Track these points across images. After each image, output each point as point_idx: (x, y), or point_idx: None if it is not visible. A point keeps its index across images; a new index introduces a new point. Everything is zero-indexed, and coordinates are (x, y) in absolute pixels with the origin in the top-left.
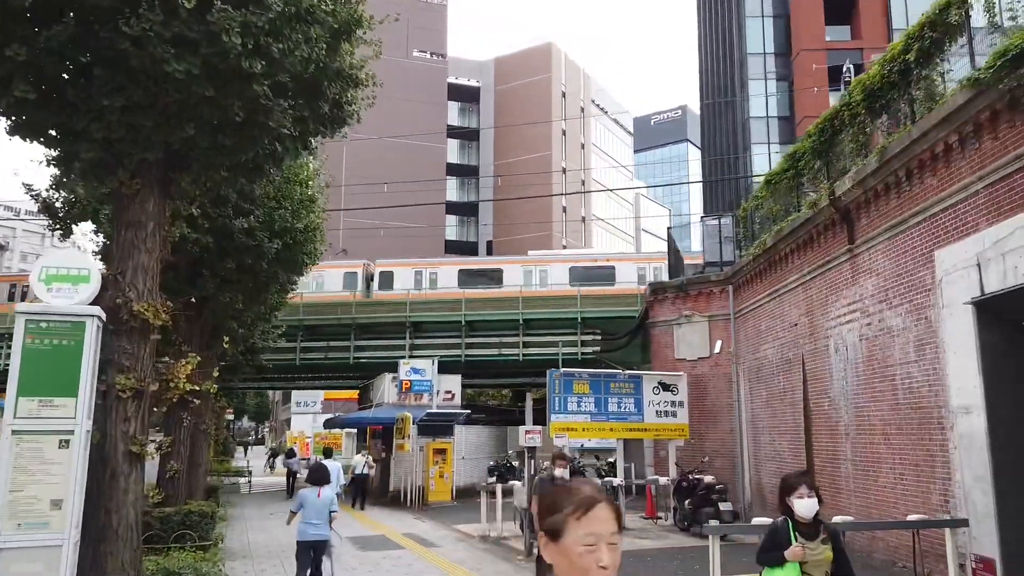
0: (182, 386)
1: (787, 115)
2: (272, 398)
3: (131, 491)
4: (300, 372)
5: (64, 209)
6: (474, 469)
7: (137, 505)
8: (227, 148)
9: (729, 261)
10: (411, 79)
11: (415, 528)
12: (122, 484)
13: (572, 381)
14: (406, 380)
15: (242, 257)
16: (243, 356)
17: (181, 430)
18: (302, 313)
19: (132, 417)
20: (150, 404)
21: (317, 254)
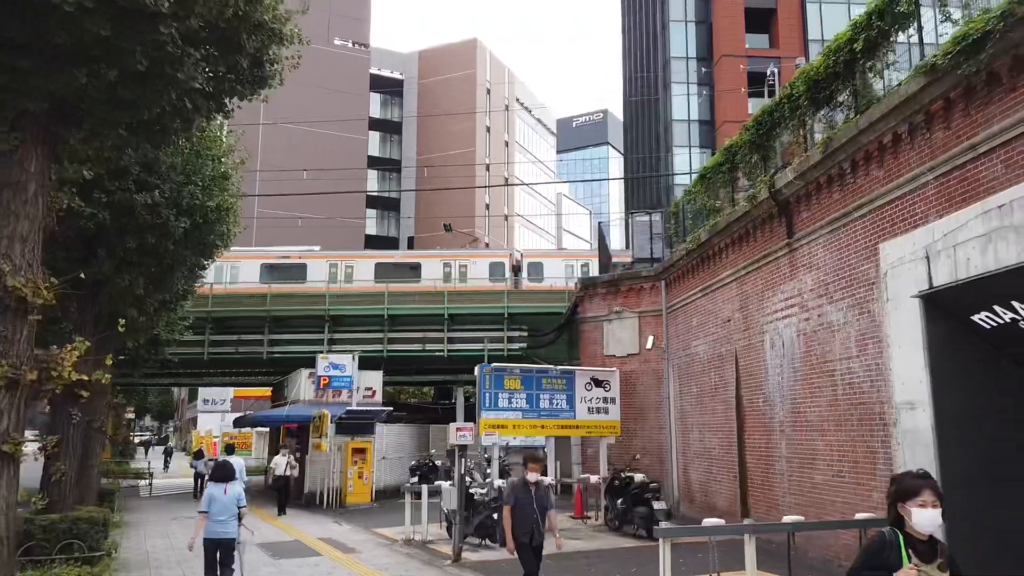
0: (67, 375)
1: (708, 119)
2: (178, 396)
3: (1, 497)
4: (209, 367)
5: None
6: (395, 469)
7: (10, 513)
8: (126, 102)
9: (658, 258)
10: (332, 67)
11: (333, 532)
12: None
13: (503, 377)
14: (324, 376)
15: (144, 236)
16: (145, 349)
17: (70, 428)
18: (211, 304)
19: (4, 411)
20: (27, 396)
21: (230, 237)
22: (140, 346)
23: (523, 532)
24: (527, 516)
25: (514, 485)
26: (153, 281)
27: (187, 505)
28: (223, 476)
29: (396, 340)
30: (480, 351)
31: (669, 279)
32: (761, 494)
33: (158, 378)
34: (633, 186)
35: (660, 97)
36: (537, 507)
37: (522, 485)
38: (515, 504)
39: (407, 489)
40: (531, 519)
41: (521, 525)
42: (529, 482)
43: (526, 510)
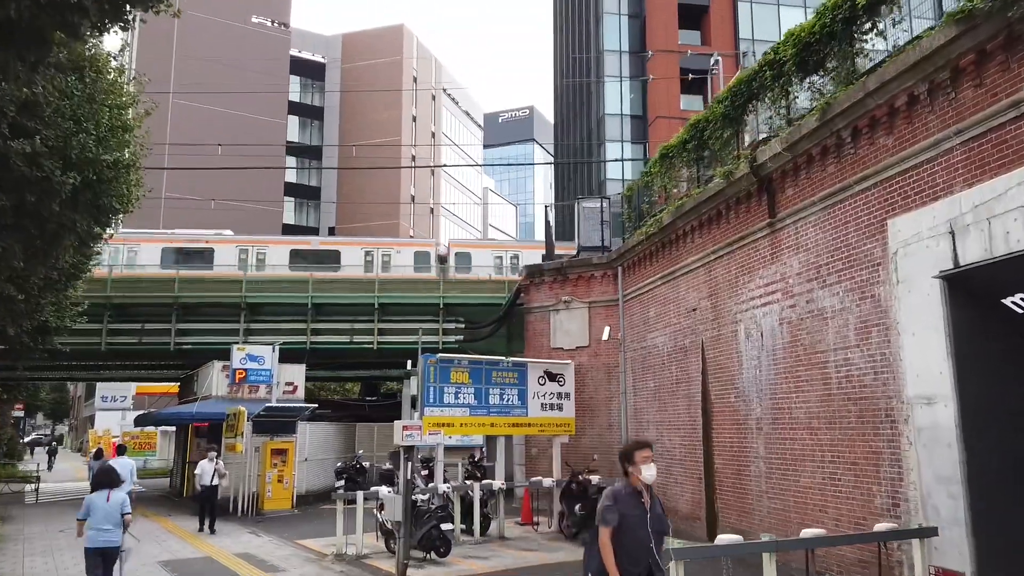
0: None
1: (640, 114)
2: (73, 392)
3: None
4: (107, 359)
5: None
6: (318, 472)
7: None
8: None
9: (606, 247)
10: (249, 47)
11: (251, 546)
12: None
13: (450, 369)
14: (240, 369)
15: (22, 193)
16: (30, 336)
17: None
18: (110, 289)
19: None
20: None
21: (131, 200)
22: (24, 333)
23: (633, 565)
24: (638, 542)
25: (617, 495)
26: (34, 251)
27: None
28: (107, 482)
29: (321, 331)
30: (413, 344)
31: (624, 266)
32: (732, 498)
33: (48, 371)
34: (563, 180)
35: (593, 91)
36: (653, 529)
37: (629, 495)
38: (620, 525)
39: (339, 496)
40: (644, 546)
41: (630, 556)
42: (637, 490)
43: (637, 533)
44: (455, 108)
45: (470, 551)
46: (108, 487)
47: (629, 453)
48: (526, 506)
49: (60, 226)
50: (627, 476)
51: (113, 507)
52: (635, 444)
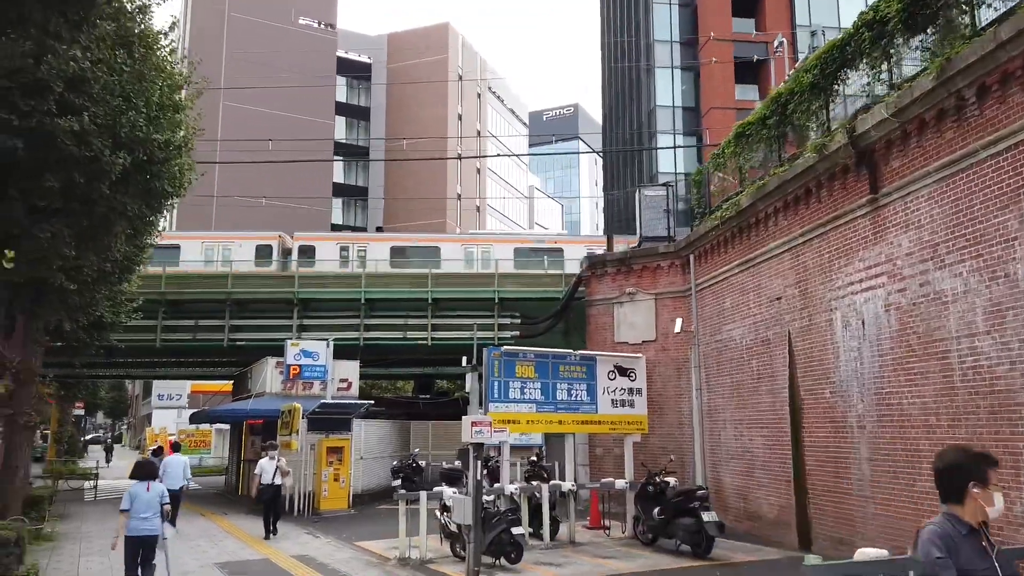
0: None
1: (693, 105)
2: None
3: None
4: (162, 356)
5: None
6: (373, 471)
7: None
8: None
9: (669, 236)
10: (296, 48)
11: (310, 548)
12: None
13: (515, 363)
14: (294, 365)
15: (70, 174)
16: (86, 332)
17: None
18: (164, 285)
19: None
20: None
21: (184, 183)
22: (80, 328)
23: None
24: None
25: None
26: (83, 237)
27: None
28: (146, 474)
29: (374, 327)
30: (467, 339)
31: (696, 254)
32: (828, 503)
33: (105, 368)
34: (613, 174)
35: (642, 82)
36: None
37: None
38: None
39: (401, 496)
40: None
41: None
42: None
43: None
44: (500, 106)
45: (541, 557)
46: (148, 478)
47: (974, 468)
48: (594, 509)
49: (110, 210)
50: (957, 503)
51: (153, 497)
52: (982, 457)
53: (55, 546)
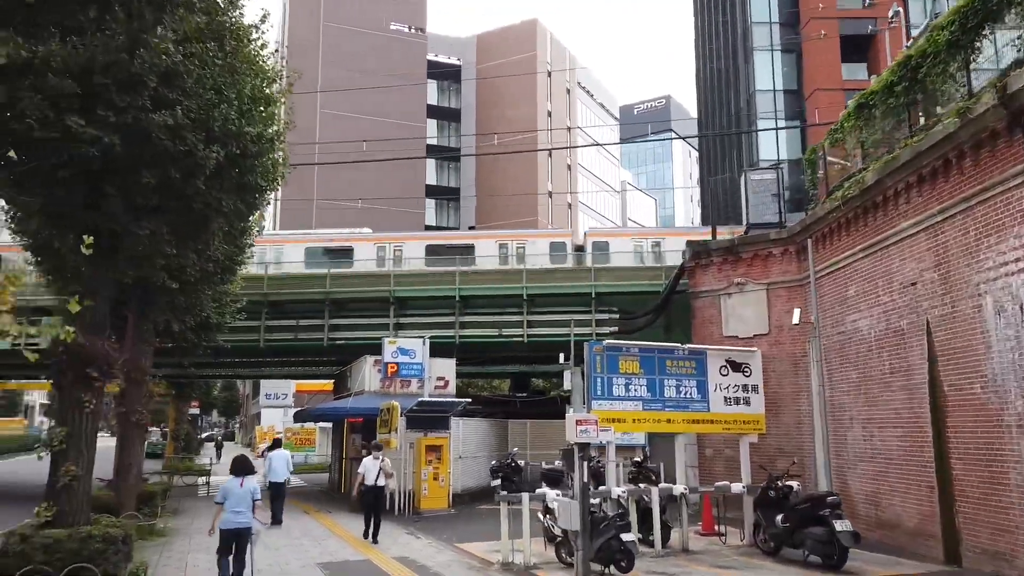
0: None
1: (795, 88)
2: (242, 390)
3: None
4: (266, 356)
5: None
6: (472, 471)
7: None
8: None
9: (780, 223)
10: (388, 54)
11: (410, 548)
12: None
13: (618, 357)
14: (392, 363)
15: (166, 169)
16: (194, 333)
17: (81, 418)
18: (267, 286)
19: None
20: None
21: (276, 177)
22: (188, 329)
23: None
24: None
25: None
26: (182, 234)
27: None
28: (241, 470)
29: (469, 324)
30: (564, 336)
31: (813, 239)
32: (980, 511)
33: (213, 368)
34: (710, 164)
35: (741, 66)
36: None
37: None
38: None
39: (503, 498)
40: None
41: None
42: None
43: None
44: (590, 101)
45: (654, 565)
46: (243, 474)
47: None
48: (707, 514)
49: (206, 205)
50: None
51: (246, 492)
52: None
53: (167, 541)
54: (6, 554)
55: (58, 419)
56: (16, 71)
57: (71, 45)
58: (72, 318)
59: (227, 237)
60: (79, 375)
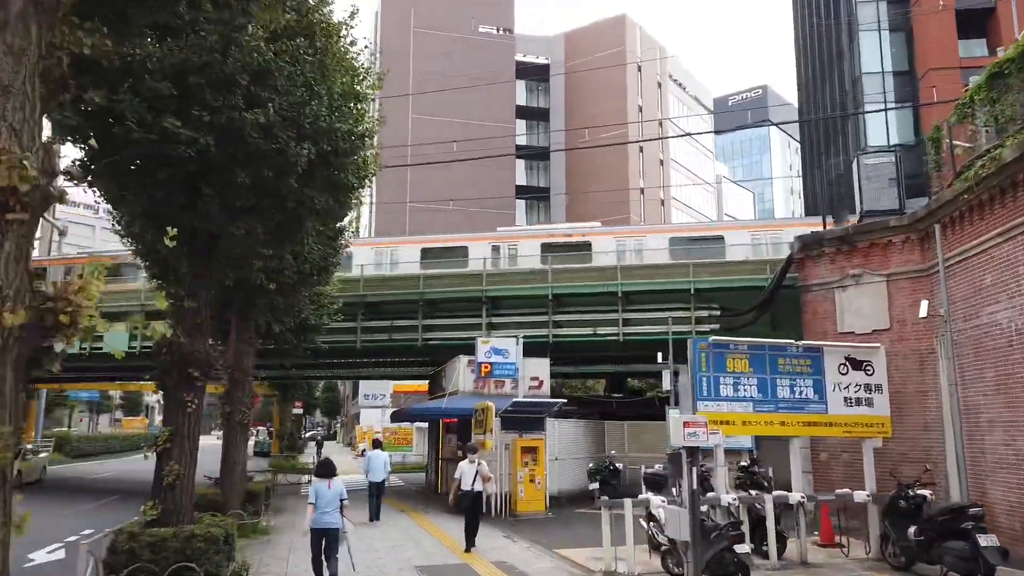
0: (85, 319)
1: (906, 69)
2: (343, 392)
3: None
4: (363, 357)
5: None
6: (569, 473)
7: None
8: None
9: (898, 209)
10: (477, 56)
11: (508, 553)
12: None
13: (725, 355)
14: (485, 363)
15: (259, 168)
16: (293, 334)
17: (184, 418)
18: (363, 288)
19: None
20: (19, 353)
21: (368, 174)
22: (288, 331)
23: None
24: None
25: None
26: (277, 234)
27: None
28: (327, 473)
29: (563, 323)
30: (661, 335)
31: (941, 225)
32: None
33: (313, 369)
34: (813, 154)
35: (844, 49)
36: None
37: None
38: None
39: (604, 503)
40: None
41: None
42: None
43: None
44: (682, 94)
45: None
46: (329, 476)
47: None
48: (826, 523)
49: (299, 204)
50: None
51: (333, 494)
52: None
53: (270, 540)
54: (115, 551)
55: (163, 419)
56: (115, 74)
57: (166, 48)
58: (177, 320)
59: (321, 238)
60: (182, 375)
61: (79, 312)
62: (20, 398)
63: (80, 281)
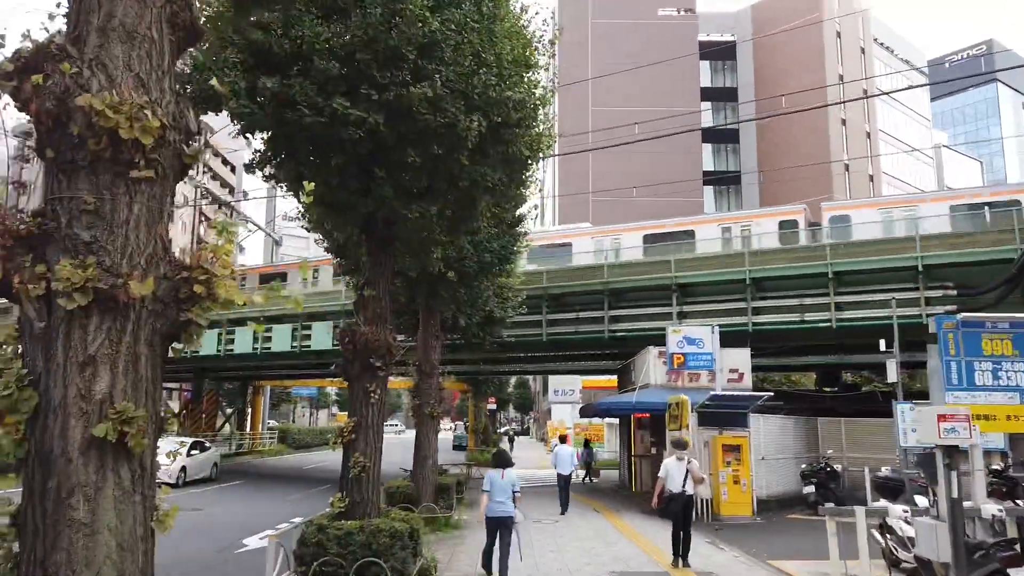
0: (221, 291)
1: None
2: (533, 388)
3: (100, 526)
4: (549, 350)
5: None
6: (778, 474)
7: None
8: None
9: None
10: (658, 41)
11: (714, 563)
12: (83, 510)
13: (979, 335)
14: (678, 354)
15: (428, 146)
16: (479, 327)
17: (368, 409)
18: (546, 280)
19: (100, 358)
20: (155, 329)
21: (542, 145)
22: (474, 324)
23: None
24: None
25: None
26: (452, 218)
27: (542, 502)
28: (501, 463)
29: (763, 310)
30: (883, 319)
31: None
32: None
33: (501, 364)
34: None
35: None
36: None
37: None
38: None
39: (830, 511)
40: None
41: None
42: None
43: None
44: (891, 58)
45: None
46: (503, 466)
47: None
48: None
49: (472, 183)
50: None
51: (506, 483)
52: None
53: (461, 535)
54: (305, 543)
55: (348, 410)
56: (286, 59)
57: (334, 28)
58: (358, 308)
59: (501, 226)
60: (364, 365)
61: (214, 282)
62: (158, 378)
63: (213, 247)
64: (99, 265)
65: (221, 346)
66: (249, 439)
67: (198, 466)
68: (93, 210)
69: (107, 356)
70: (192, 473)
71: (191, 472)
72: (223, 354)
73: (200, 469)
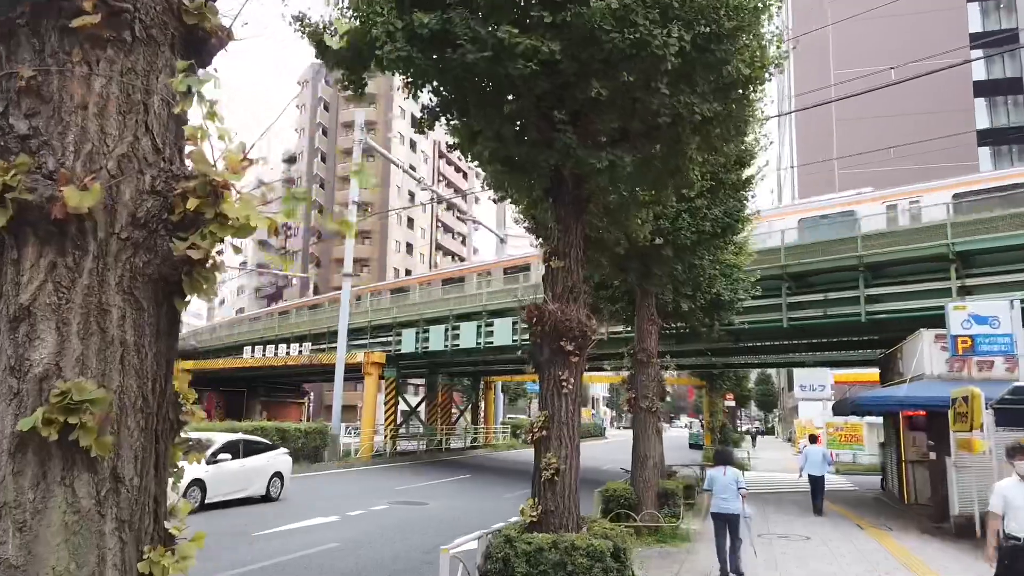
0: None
1: None
2: (777, 383)
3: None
4: (791, 339)
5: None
6: None
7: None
8: None
9: None
10: None
11: None
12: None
13: None
14: (963, 336)
15: (614, 73)
16: (705, 313)
17: (560, 401)
18: (784, 258)
19: (35, 309)
20: (132, 267)
21: (766, 62)
22: (699, 309)
23: None
24: None
25: None
26: (653, 169)
27: (786, 510)
28: (722, 460)
29: None
30: None
31: None
32: None
33: (736, 355)
34: None
35: None
36: None
37: None
38: None
39: None
40: None
41: None
42: None
43: None
44: None
45: None
46: (725, 463)
47: None
48: None
49: (674, 116)
50: None
51: (728, 480)
52: None
53: (691, 548)
54: (490, 557)
55: (539, 402)
56: None
57: None
58: (545, 283)
59: (713, 183)
60: (553, 349)
61: (223, 194)
62: (156, 346)
63: (213, 131)
64: (38, 168)
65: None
66: (483, 432)
67: (230, 480)
68: (34, 88)
69: (51, 308)
70: (217, 490)
71: (214, 489)
72: (450, 348)
73: (235, 484)
